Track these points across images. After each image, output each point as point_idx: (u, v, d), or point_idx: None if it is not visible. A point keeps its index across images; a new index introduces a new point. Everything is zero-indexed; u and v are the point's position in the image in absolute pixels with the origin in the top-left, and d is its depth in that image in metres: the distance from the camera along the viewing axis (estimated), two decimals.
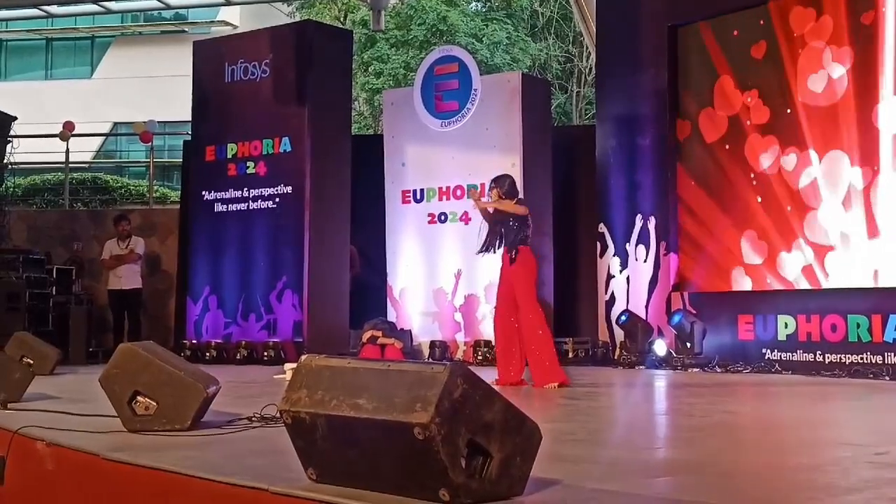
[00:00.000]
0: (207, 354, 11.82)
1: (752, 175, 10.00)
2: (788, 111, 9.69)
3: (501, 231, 7.96)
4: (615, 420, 6.16)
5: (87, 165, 23.58)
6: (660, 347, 10.32)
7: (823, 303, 9.30)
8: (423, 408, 2.69)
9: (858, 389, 7.70)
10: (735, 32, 10.29)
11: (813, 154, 9.45)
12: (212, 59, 12.81)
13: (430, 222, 11.86)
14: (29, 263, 12.57)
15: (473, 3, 27.83)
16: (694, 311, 10.34)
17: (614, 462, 3.84)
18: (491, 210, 7.98)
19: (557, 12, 27.25)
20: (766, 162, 9.89)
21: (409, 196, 12.04)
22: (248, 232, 12.12)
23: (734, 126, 10.24)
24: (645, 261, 11.05)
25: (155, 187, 17.44)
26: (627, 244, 11.24)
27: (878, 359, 8.76)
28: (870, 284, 8.98)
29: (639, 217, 11.13)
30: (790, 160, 9.65)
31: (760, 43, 9.98)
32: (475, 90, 11.62)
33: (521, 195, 8.39)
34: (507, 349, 7.88)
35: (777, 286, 9.76)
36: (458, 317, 11.60)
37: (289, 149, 11.92)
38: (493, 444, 2.79)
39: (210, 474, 3.28)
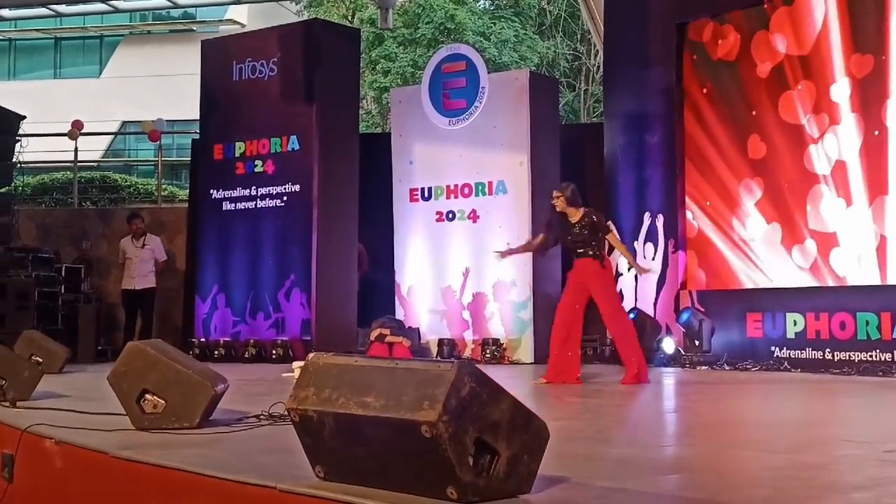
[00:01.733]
0: (216, 353, 11.83)
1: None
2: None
3: (577, 239, 8.05)
4: (623, 418, 6.15)
5: (95, 164, 23.62)
6: (668, 345, 10.31)
7: (832, 300, 9.27)
8: (430, 406, 2.68)
9: (867, 387, 7.68)
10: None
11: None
12: (220, 57, 12.83)
13: (438, 220, 11.85)
14: (38, 262, 12.60)
15: (481, 2, 27.82)
16: (702, 309, 10.31)
17: (622, 460, 3.84)
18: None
19: (565, 10, 27.23)
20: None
21: (417, 194, 12.03)
22: (257, 230, 12.13)
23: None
24: (653, 259, 11.03)
25: (163, 186, 17.46)
26: (636, 242, 11.21)
27: (888, 356, 8.74)
28: (879, 282, 8.95)
29: (647, 215, 11.11)
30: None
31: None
32: (483, 88, 11.61)
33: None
34: (564, 348, 7.95)
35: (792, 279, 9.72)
36: (467, 315, 11.59)
37: (297, 147, 11.93)
38: (500, 441, 2.79)
39: (218, 472, 3.28)
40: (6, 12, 16.83)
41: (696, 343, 10.05)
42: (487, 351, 11.15)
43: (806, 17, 9.54)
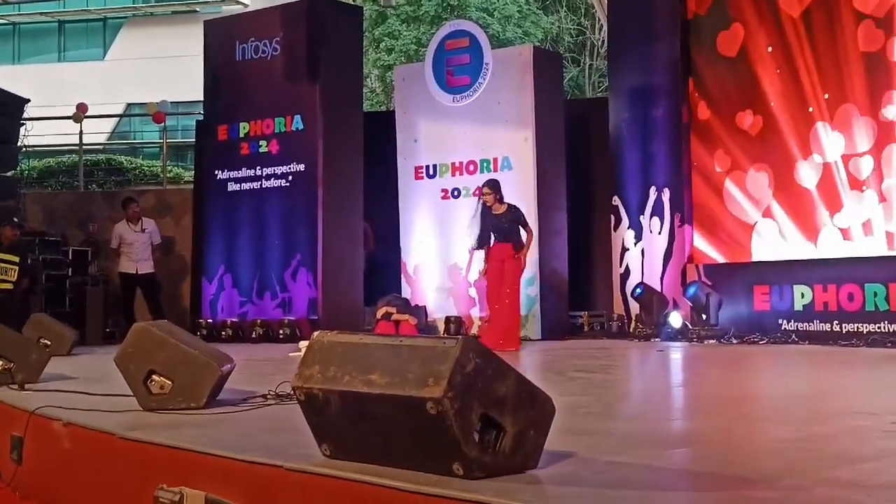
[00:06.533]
0: (223, 333, 11.85)
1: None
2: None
3: (499, 228, 9.38)
4: (630, 392, 6.15)
5: (101, 147, 23.68)
6: (675, 320, 10.28)
7: (840, 272, 9.24)
8: (435, 382, 2.68)
9: (875, 359, 7.67)
10: None
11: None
12: (223, 37, 12.78)
13: (443, 198, 11.83)
14: (45, 245, 12.62)
15: None
16: (709, 283, 10.29)
17: (629, 434, 3.84)
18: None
19: None
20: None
21: (422, 172, 12.01)
22: (262, 210, 12.11)
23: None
24: (660, 233, 11.01)
25: (168, 168, 17.48)
26: (641, 216, 11.20)
27: None
28: (887, 252, 8.91)
29: (653, 189, 11.08)
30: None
31: None
32: (487, 64, 11.56)
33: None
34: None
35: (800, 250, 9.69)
36: (473, 292, 11.58)
37: (301, 127, 11.90)
38: (506, 417, 2.79)
39: (225, 452, 3.29)
40: None
41: (704, 317, 10.04)
42: None
43: None
